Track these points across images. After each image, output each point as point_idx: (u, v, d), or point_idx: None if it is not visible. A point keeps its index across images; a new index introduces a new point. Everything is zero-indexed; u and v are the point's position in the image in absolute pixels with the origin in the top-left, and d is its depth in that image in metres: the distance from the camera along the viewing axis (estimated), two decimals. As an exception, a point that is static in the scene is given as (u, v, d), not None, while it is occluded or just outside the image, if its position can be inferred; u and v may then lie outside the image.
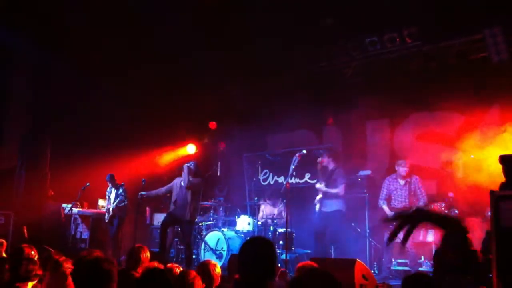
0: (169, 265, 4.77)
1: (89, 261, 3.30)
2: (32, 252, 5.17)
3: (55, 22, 9.47)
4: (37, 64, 10.62)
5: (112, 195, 10.34)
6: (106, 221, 10.34)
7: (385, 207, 8.29)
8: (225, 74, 11.19)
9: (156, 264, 4.57)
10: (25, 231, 9.79)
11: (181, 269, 4.61)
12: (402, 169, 8.18)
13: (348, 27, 9.59)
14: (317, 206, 8.60)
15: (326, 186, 8.50)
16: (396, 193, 8.24)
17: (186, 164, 8.93)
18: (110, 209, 10.25)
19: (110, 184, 10.45)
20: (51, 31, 9.73)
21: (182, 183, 8.85)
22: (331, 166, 8.69)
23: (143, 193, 9.25)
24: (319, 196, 8.59)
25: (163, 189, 9.28)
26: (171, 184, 9.14)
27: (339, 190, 8.42)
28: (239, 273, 3.24)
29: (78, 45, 9.98)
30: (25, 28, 9.81)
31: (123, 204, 10.14)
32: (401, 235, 2.30)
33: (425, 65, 9.81)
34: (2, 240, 7.08)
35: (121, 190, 10.22)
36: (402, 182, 8.22)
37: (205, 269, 4.51)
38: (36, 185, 11.11)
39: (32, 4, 9.14)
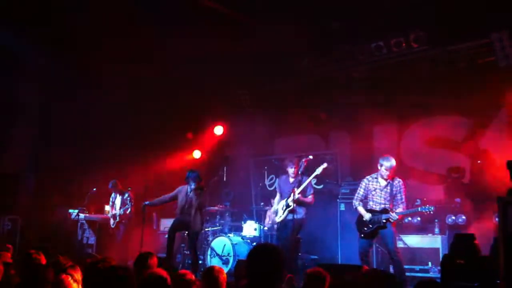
0: (181, 271, 4.75)
1: (104, 268, 3.34)
2: (40, 258, 5.20)
3: (63, 28, 9.51)
4: (45, 68, 10.67)
5: (118, 201, 10.37)
6: (113, 227, 10.37)
7: (360, 208, 7.50)
8: (232, 77, 11.20)
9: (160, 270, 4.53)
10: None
11: (193, 276, 4.60)
12: (385, 172, 7.38)
13: (354, 32, 9.59)
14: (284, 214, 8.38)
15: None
16: (375, 194, 7.43)
17: (193, 186, 8.88)
18: (116, 215, 10.28)
19: (113, 191, 10.49)
20: (59, 36, 9.77)
21: (189, 193, 8.87)
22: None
23: (146, 202, 9.25)
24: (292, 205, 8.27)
25: (167, 197, 9.23)
26: (175, 192, 9.13)
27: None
28: (247, 279, 3.25)
29: (85, 50, 10.01)
30: (33, 34, 9.86)
31: (128, 210, 10.16)
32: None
33: (432, 70, 9.79)
34: (9, 245, 7.11)
35: (126, 195, 10.23)
36: (383, 182, 7.42)
37: (210, 275, 4.49)
38: (43, 190, 11.15)
39: (39, 10, 9.18)
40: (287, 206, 8.27)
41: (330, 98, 10.99)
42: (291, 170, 8.53)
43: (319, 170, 8.20)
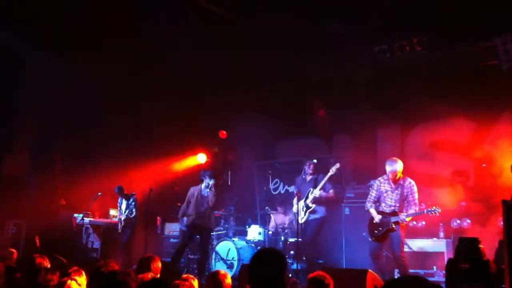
0: (184, 275, 4.76)
1: (106, 273, 3.38)
2: (44, 262, 5.23)
3: (63, 28, 9.53)
4: (47, 70, 10.70)
5: (123, 206, 10.45)
6: (119, 231, 10.43)
7: (372, 210, 7.52)
8: (235, 82, 11.21)
9: (150, 275, 4.52)
10: (37, 240, 9.85)
11: (196, 280, 4.61)
12: (390, 176, 7.38)
13: (357, 35, 9.58)
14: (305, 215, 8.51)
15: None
16: (387, 196, 7.42)
17: (212, 183, 8.86)
18: (122, 219, 10.35)
19: (120, 196, 10.55)
20: (59, 36, 9.80)
21: (204, 194, 8.85)
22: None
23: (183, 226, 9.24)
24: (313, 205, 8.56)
25: (185, 207, 9.17)
26: (188, 197, 9.09)
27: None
28: (250, 284, 3.25)
29: (86, 51, 10.03)
30: (33, 34, 9.89)
31: (133, 215, 10.21)
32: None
33: (435, 73, 9.78)
34: (13, 249, 7.15)
35: (131, 200, 10.30)
36: (394, 184, 7.42)
37: (215, 279, 4.50)
38: (47, 193, 11.18)
39: (44, 14, 9.22)
40: (307, 207, 8.42)
41: (332, 101, 10.97)
42: (308, 168, 8.76)
43: (333, 170, 8.43)
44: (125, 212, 10.32)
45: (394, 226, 7.19)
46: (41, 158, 11.41)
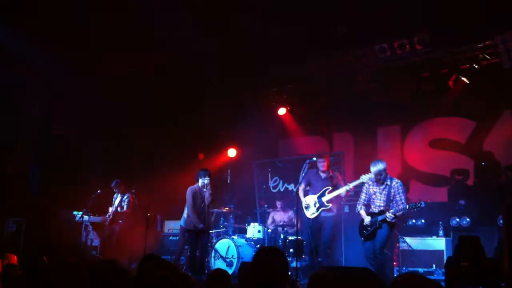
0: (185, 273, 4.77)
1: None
2: (45, 260, 5.24)
3: (65, 28, 9.52)
4: (51, 69, 10.67)
5: (117, 201, 10.37)
6: (107, 223, 10.36)
7: (362, 212, 7.61)
8: (235, 79, 11.20)
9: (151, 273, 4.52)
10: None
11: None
12: (375, 177, 7.47)
13: (358, 34, 9.58)
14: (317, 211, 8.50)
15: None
16: (376, 197, 7.53)
17: (207, 181, 8.85)
18: (111, 212, 10.29)
19: (116, 190, 10.49)
20: (61, 37, 9.78)
21: (202, 189, 8.83)
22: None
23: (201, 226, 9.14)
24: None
25: (190, 206, 9.12)
26: (191, 196, 8.99)
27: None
28: (251, 283, 3.26)
29: (88, 50, 10.00)
30: (37, 37, 9.88)
31: (122, 210, 10.11)
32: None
33: (436, 72, 9.78)
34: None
35: (126, 196, 10.21)
36: (381, 186, 7.51)
37: (219, 276, 4.51)
38: (48, 191, 11.17)
39: (44, 14, 9.20)
40: (322, 205, 8.37)
41: (333, 99, 10.98)
42: (320, 165, 8.58)
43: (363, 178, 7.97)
44: (116, 206, 10.24)
45: (381, 223, 7.30)
46: (42, 157, 11.41)
